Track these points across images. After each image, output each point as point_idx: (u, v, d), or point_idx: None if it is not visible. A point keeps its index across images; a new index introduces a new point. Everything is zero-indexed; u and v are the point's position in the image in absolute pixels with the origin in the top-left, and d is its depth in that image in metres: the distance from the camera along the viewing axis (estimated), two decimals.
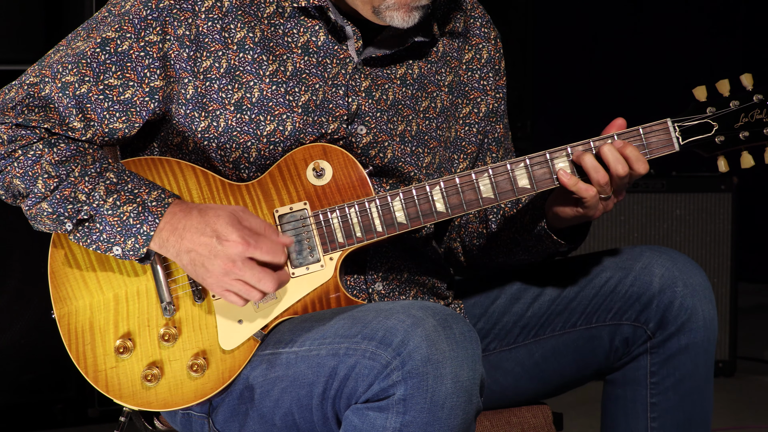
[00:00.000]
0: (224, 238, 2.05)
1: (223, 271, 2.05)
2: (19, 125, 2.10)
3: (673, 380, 2.25)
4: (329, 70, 2.21)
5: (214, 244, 2.05)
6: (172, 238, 2.07)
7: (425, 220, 2.16)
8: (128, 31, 2.14)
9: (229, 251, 2.04)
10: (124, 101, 2.15)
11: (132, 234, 2.08)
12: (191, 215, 2.07)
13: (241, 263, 2.04)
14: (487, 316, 2.36)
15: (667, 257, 2.27)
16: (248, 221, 2.07)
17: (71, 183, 2.08)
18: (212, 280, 2.06)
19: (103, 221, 2.08)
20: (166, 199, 2.09)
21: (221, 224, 2.05)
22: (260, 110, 2.17)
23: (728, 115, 2.17)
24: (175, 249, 2.07)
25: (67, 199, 2.08)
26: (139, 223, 2.08)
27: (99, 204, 2.08)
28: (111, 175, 2.10)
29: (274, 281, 2.05)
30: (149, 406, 2.15)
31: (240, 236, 2.05)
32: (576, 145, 2.17)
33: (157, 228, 2.07)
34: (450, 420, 1.94)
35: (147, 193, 2.09)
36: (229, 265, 2.04)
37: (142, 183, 2.11)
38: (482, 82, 2.37)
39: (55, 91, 2.12)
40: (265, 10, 2.19)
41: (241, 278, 2.05)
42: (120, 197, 2.08)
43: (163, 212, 2.08)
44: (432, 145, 2.31)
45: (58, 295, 2.17)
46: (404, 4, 2.15)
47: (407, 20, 2.16)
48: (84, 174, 2.09)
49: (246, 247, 2.04)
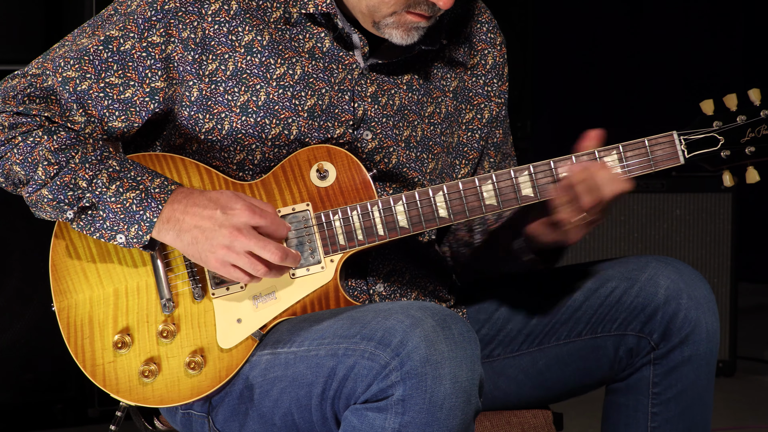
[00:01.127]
0: (229, 207, 2.05)
1: (229, 241, 2.04)
2: (19, 113, 2.11)
3: (675, 391, 2.25)
4: (335, 75, 2.21)
5: (219, 215, 2.05)
6: (173, 219, 2.07)
7: (427, 225, 2.16)
8: (132, 31, 2.14)
9: (234, 219, 2.04)
10: (123, 100, 2.15)
11: (135, 221, 2.08)
12: (193, 195, 2.08)
13: (246, 231, 2.04)
14: (491, 322, 2.36)
15: (672, 268, 2.26)
16: (250, 198, 2.09)
17: (71, 170, 2.09)
18: (216, 255, 2.05)
19: (106, 208, 2.09)
20: (169, 186, 2.10)
21: (225, 197, 2.07)
22: (266, 113, 2.17)
23: (735, 129, 2.16)
24: (176, 230, 2.07)
25: (67, 185, 2.09)
26: (142, 209, 2.08)
27: (102, 191, 2.08)
28: (113, 162, 2.11)
29: (279, 249, 2.05)
30: (146, 402, 2.15)
31: (244, 204, 2.05)
32: (580, 155, 2.16)
33: (160, 214, 2.07)
34: (449, 420, 1.94)
35: (150, 180, 2.10)
36: (234, 233, 2.04)
37: (144, 171, 2.11)
38: (486, 88, 2.37)
39: (57, 85, 2.13)
40: (272, 15, 2.19)
41: (246, 247, 2.04)
42: (123, 184, 2.09)
43: (166, 198, 2.08)
44: (436, 150, 2.31)
45: (58, 287, 2.17)
46: (403, 23, 2.15)
47: (406, 39, 2.16)
48: (84, 161, 2.10)
49: (251, 214, 2.05)
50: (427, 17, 2.15)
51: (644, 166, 2.16)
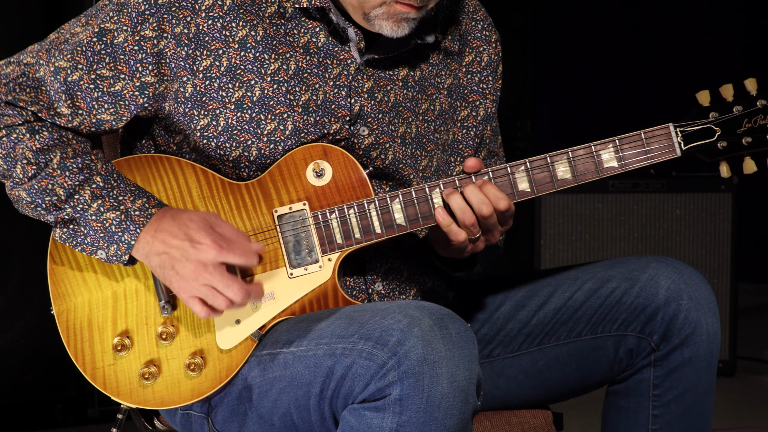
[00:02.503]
0: (197, 241, 2.05)
1: (194, 275, 2.04)
2: (8, 103, 2.12)
3: (676, 393, 2.25)
4: (330, 70, 2.21)
5: (187, 247, 2.05)
6: (143, 240, 2.08)
7: (424, 222, 2.16)
8: (125, 24, 2.14)
9: (201, 255, 2.04)
10: (113, 93, 2.14)
11: (114, 241, 2.09)
12: (164, 218, 2.08)
13: (212, 267, 2.04)
14: (491, 322, 2.36)
15: (673, 269, 2.26)
16: (221, 227, 2.08)
17: (49, 174, 2.09)
18: (180, 284, 2.06)
19: (87, 225, 2.10)
20: (149, 209, 2.10)
21: (194, 228, 2.06)
22: (261, 109, 2.17)
23: (731, 120, 2.15)
24: (145, 251, 2.08)
25: (44, 190, 2.09)
26: (121, 231, 2.08)
27: (83, 208, 2.09)
28: (98, 178, 2.11)
29: (242, 290, 2.04)
30: (146, 404, 2.15)
31: (212, 240, 2.05)
32: (577, 149, 2.16)
33: (138, 237, 2.08)
34: (446, 420, 1.94)
35: (131, 201, 2.10)
36: (200, 269, 2.04)
37: (127, 189, 2.11)
38: (482, 85, 2.37)
39: (48, 75, 2.13)
40: (267, 10, 2.18)
41: (210, 283, 2.04)
42: (104, 203, 2.09)
43: (145, 222, 2.08)
44: (429, 148, 2.30)
45: (57, 291, 2.17)
46: (393, 14, 2.14)
47: (396, 31, 2.16)
48: (64, 167, 2.10)
49: (219, 251, 2.04)
50: (417, 7, 2.14)
51: (641, 159, 2.16)
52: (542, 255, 4.69)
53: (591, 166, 2.16)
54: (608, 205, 4.69)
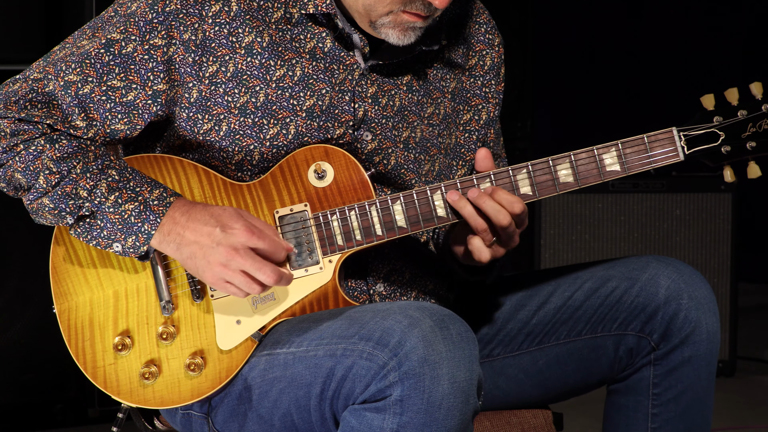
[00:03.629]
0: (229, 226, 2.06)
1: (225, 260, 2.05)
2: (21, 120, 2.11)
3: (675, 392, 2.25)
4: (336, 75, 2.21)
5: (218, 233, 2.06)
6: (174, 232, 2.08)
7: (426, 224, 2.16)
8: (133, 34, 2.14)
9: (232, 239, 2.05)
10: (126, 103, 2.15)
11: (133, 232, 2.09)
12: (195, 209, 2.09)
13: (243, 251, 2.05)
14: (491, 322, 2.36)
15: (673, 269, 2.26)
16: (251, 218, 2.09)
17: (72, 180, 2.09)
18: (212, 272, 2.06)
19: (104, 218, 2.09)
20: (167, 198, 2.10)
21: (226, 216, 2.07)
22: (264, 114, 2.17)
23: (735, 124, 2.14)
24: (176, 243, 2.08)
25: (68, 195, 2.09)
26: (141, 221, 2.08)
27: (101, 201, 2.09)
28: (113, 172, 2.11)
29: (275, 272, 2.06)
30: (146, 404, 2.15)
31: (244, 225, 2.06)
32: (579, 152, 2.16)
33: (159, 226, 2.08)
34: (447, 421, 1.94)
35: (149, 191, 2.10)
36: (231, 253, 2.05)
37: (144, 181, 2.11)
38: (484, 89, 2.37)
39: (58, 89, 2.13)
40: (273, 15, 2.18)
41: (242, 267, 2.05)
42: (122, 195, 2.09)
43: (164, 211, 2.09)
44: (432, 152, 2.30)
45: (59, 290, 2.18)
46: (399, 23, 2.14)
47: (402, 39, 2.16)
48: (86, 171, 2.10)
49: (250, 236, 2.05)
50: (424, 17, 2.14)
51: (644, 163, 2.16)
52: (542, 255, 4.69)
53: (593, 169, 2.16)
54: (608, 205, 4.69)
